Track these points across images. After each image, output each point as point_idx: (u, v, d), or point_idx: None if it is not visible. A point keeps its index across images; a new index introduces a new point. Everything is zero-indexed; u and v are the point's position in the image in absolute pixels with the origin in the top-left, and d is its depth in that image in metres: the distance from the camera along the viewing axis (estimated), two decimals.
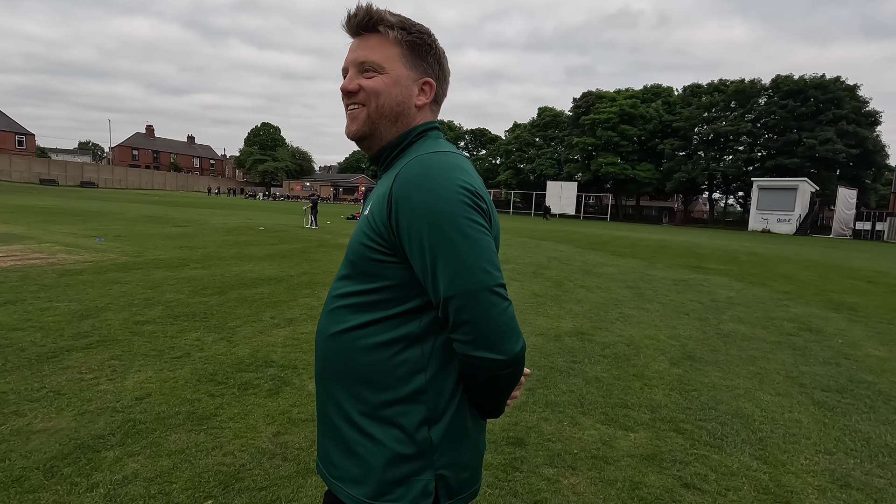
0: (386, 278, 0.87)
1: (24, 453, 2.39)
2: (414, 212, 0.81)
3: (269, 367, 3.68)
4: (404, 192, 0.82)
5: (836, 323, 6.14)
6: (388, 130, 0.95)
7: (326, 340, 0.93)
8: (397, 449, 0.85)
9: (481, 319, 0.80)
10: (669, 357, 4.39)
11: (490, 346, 0.81)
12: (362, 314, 0.89)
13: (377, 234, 0.87)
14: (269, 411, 2.98)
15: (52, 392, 3.08)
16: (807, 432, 3.03)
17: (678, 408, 3.31)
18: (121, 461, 2.37)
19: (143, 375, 3.41)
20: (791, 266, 12.72)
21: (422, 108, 0.96)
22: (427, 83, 0.96)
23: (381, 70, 0.92)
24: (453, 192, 0.81)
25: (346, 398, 0.90)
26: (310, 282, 7.12)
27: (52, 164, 57.65)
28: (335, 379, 0.91)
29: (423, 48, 0.94)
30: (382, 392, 0.87)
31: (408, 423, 0.86)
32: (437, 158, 0.86)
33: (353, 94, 0.94)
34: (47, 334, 4.17)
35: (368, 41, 0.93)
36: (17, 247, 9.03)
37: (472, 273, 0.80)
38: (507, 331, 0.82)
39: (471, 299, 0.80)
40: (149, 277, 6.80)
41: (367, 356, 0.88)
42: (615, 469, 2.52)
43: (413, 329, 0.87)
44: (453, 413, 0.88)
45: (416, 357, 0.87)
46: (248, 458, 2.46)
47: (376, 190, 0.94)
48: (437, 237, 0.80)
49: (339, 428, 0.90)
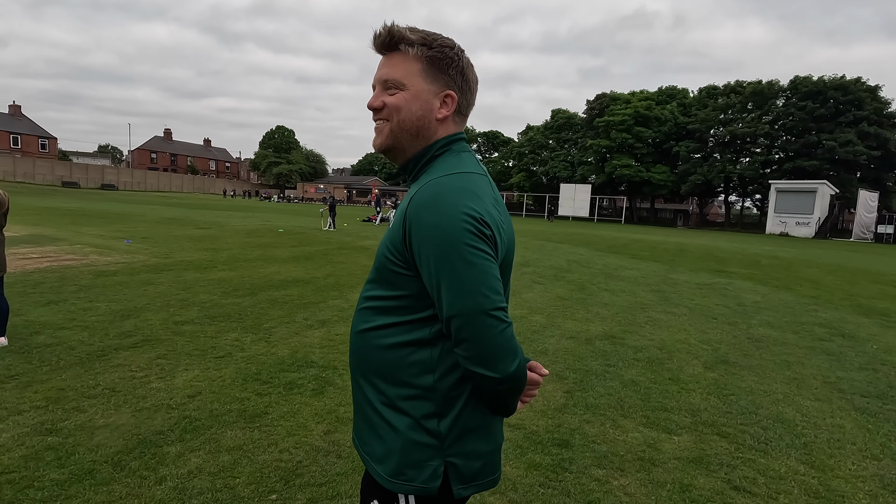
0: (404, 288, 0.95)
1: (90, 447, 2.49)
2: (423, 234, 0.88)
3: (311, 368, 3.76)
4: (417, 214, 0.89)
5: (868, 328, 6.07)
6: (411, 143, 1.01)
7: (355, 336, 1.04)
8: (410, 436, 0.94)
9: (479, 339, 0.87)
10: (703, 361, 4.39)
11: (486, 364, 0.88)
12: (383, 316, 0.98)
13: (396, 248, 0.94)
14: (316, 410, 3.06)
15: (108, 389, 3.19)
16: (851, 437, 3.03)
17: (718, 412, 3.32)
18: (183, 456, 2.46)
19: (191, 374, 3.52)
20: (815, 270, 12.54)
21: (443, 120, 1.01)
22: (448, 95, 0.99)
23: (402, 86, 0.98)
24: (458, 220, 0.86)
25: (370, 388, 1.00)
26: (336, 284, 7.22)
27: (74, 167, 58.95)
28: (361, 371, 1.02)
29: (445, 62, 0.98)
30: (397, 386, 0.96)
31: (419, 415, 0.94)
32: (450, 183, 0.90)
33: (377, 110, 1.00)
34: (93, 333, 4.30)
35: (392, 59, 0.99)
36: (51, 248, 9.28)
37: (472, 297, 0.86)
38: (503, 351, 0.88)
39: (469, 320, 0.86)
40: (180, 279, 6.96)
41: (384, 354, 0.97)
42: (663, 471, 2.54)
43: (424, 335, 0.95)
44: (460, 409, 0.95)
45: (426, 359, 0.95)
46: (304, 455, 2.53)
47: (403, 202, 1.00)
48: (441, 260, 0.86)
49: (366, 412, 1.01)
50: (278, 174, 76.29)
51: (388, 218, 24.10)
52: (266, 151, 79.13)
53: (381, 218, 24.15)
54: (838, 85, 40.32)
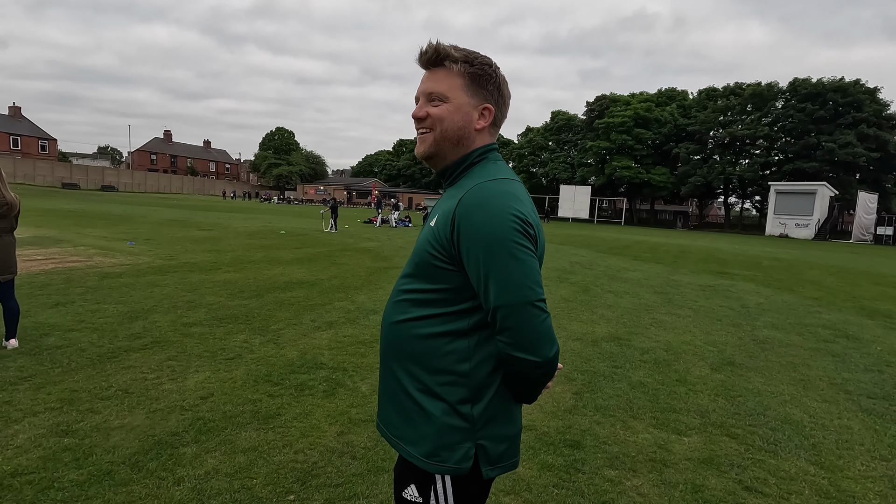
0: (444, 282, 1.03)
1: (107, 448, 2.51)
2: (472, 233, 0.96)
3: (320, 370, 3.78)
4: (466, 214, 0.97)
5: (871, 330, 6.09)
6: (452, 151, 1.10)
7: (390, 327, 1.11)
8: (445, 420, 1.02)
9: (522, 327, 0.96)
10: (709, 363, 4.42)
11: (528, 349, 0.97)
12: (421, 308, 1.05)
13: (441, 245, 1.01)
14: (328, 412, 3.08)
15: (121, 391, 3.21)
16: (859, 438, 3.05)
17: (727, 413, 3.34)
18: (199, 457, 2.48)
19: (202, 376, 3.54)
20: (816, 272, 12.58)
21: (481, 130, 1.10)
22: (486, 108, 1.09)
23: (446, 99, 1.07)
24: (506, 220, 0.96)
25: (405, 375, 1.06)
26: (341, 285, 7.24)
27: (74, 169, 58.94)
28: (396, 359, 1.09)
29: (484, 78, 1.08)
30: (434, 374, 1.03)
31: (454, 400, 1.02)
32: (495, 187, 1.00)
33: (421, 120, 1.09)
34: (103, 335, 4.32)
35: (436, 74, 1.08)
36: (55, 250, 9.30)
37: (518, 289, 0.95)
38: (544, 338, 0.97)
39: (515, 310, 0.95)
40: (186, 280, 6.98)
41: (422, 343, 1.04)
42: (675, 472, 2.57)
43: (462, 326, 1.03)
44: (492, 395, 1.04)
45: (463, 348, 1.03)
46: (319, 457, 2.55)
47: (442, 203, 1.09)
48: (490, 256, 0.95)
49: (399, 398, 1.08)
50: (278, 175, 76.32)
51: (389, 220, 24.11)
52: (266, 153, 79.17)
53: (381, 219, 24.16)
54: (837, 87, 40.44)
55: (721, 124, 46.12)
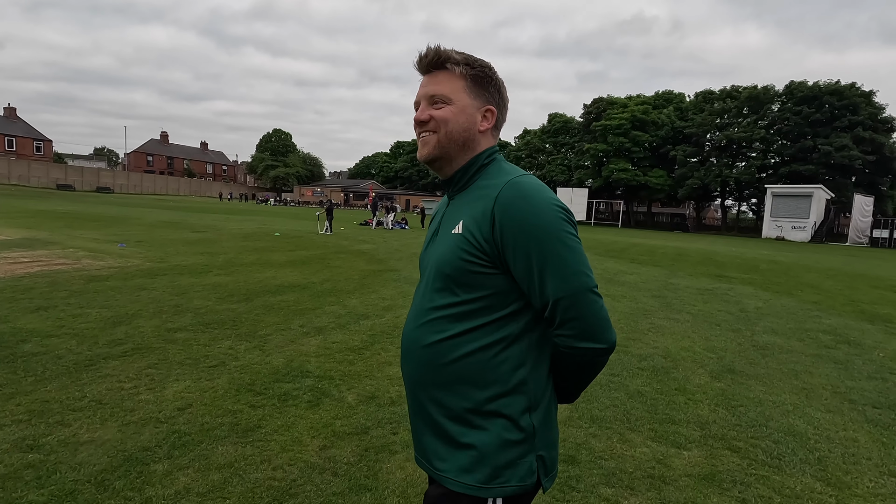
0: (485, 287, 0.98)
1: (73, 465, 2.37)
2: (520, 227, 0.94)
3: (306, 378, 3.64)
4: (508, 211, 0.95)
5: (873, 335, 5.98)
6: (458, 154, 1.07)
7: (424, 350, 1.02)
8: (505, 436, 0.96)
9: (586, 315, 0.94)
10: (709, 370, 4.29)
11: (593, 337, 0.96)
12: (463, 322, 0.98)
13: (478, 249, 0.97)
14: (312, 424, 2.93)
15: (94, 401, 3.06)
16: (866, 452, 2.93)
17: (727, 424, 3.21)
18: (171, 475, 2.34)
19: (182, 385, 3.39)
20: (814, 275, 12.50)
21: (485, 132, 1.08)
22: (489, 110, 1.08)
23: (449, 101, 1.05)
24: (552, 211, 0.95)
25: (451, 399, 0.99)
26: (333, 289, 7.10)
27: (69, 170, 58.59)
28: (437, 384, 1.00)
29: (485, 80, 1.07)
30: (488, 388, 0.97)
31: (513, 412, 0.97)
32: (529, 182, 0.98)
33: (424, 123, 1.06)
34: (82, 341, 4.17)
35: (437, 77, 1.06)
36: (43, 252, 9.13)
37: (577, 277, 0.94)
38: (606, 323, 0.97)
39: (577, 299, 0.94)
40: (175, 284, 6.82)
41: (470, 359, 0.97)
42: (674, 490, 2.44)
43: (513, 330, 0.98)
44: (548, 399, 1.01)
45: (517, 353, 0.98)
46: (298, 473, 2.41)
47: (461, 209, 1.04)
48: (543, 249, 0.93)
49: (444, 425, 0.99)
50: (275, 177, 76.07)
51: (384, 222, 23.97)
52: (263, 154, 78.92)
53: (377, 222, 24.02)
54: (833, 90, 40.55)
55: (718, 127, 46.17)
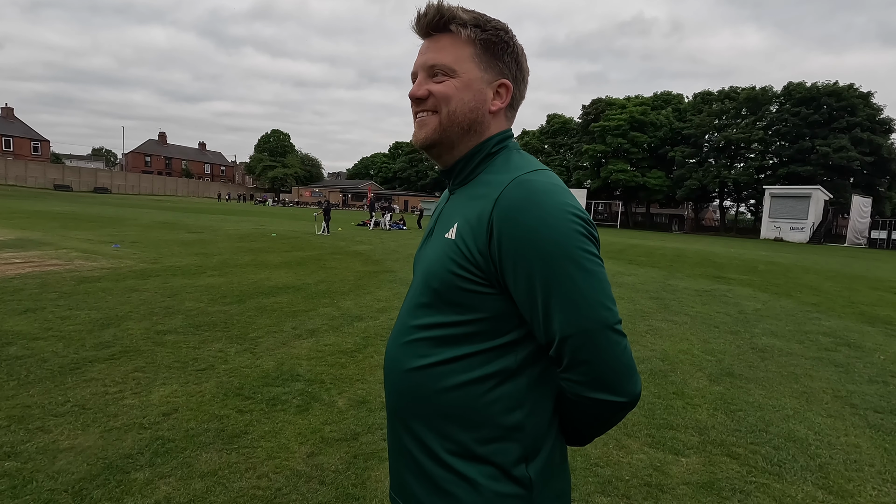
0: (478, 310, 0.79)
1: (51, 474, 2.29)
2: (522, 242, 0.74)
3: (296, 382, 3.56)
4: (509, 219, 0.75)
5: (873, 337, 5.92)
6: (461, 139, 0.86)
7: (404, 375, 0.85)
8: (494, 488, 0.78)
9: (601, 359, 0.74)
10: (707, 373, 4.22)
11: (609, 388, 0.76)
12: (449, 348, 0.80)
13: (470, 262, 0.78)
14: (300, 429, 2.85)
15: (77, 406, 2.98)
16: (869, 458, 2.86)
17: (727, 430, 3.14)
18: (152, 483, 2.26)
19: (169, 389, 3.31)
20: (813, 276, 12.45)
21: (496, 113, 0.87)
22: (503, 85, 0.87)
23: (453, 73, 0.84)
24: (566, 221, 0.74)
25: (431, 436, 0.82)
26: (328, 291, 7.02)
27: (67, 171, 58.42)
28: (417, 416, 0.83)
29: (499, 46, 0.85)
30: (474, 430, 0.79)
31: (505, 462, 0.79)
32: (541, 180, 0.77)
33: (421, 100, 0.86)
34: (69, 344, 4.09)
35: (439, 42, 0.85)
36: (35, 253, 9.03)
37: (593, 310, 0.73)
38: (628, 370, 0.76)
39: (591, 338, 0.73)
40: (167, 285, 6.74)
41: (455, 393, 0.80)
42: (672, 498, 2.36)
43: (509, 363, 0.79)
44: (550, 447, 0.82)
45: (512, 392, 0.79)
46: (284, 482, 2.33)
47: (458, 207, 0.85)
48: (550, 271, 0.73)
49: (424, 465, 0.82)
50: (273, 178, 75.93)
51: (382, 222, 23.91)
52: (261, 155, 78.81)
53: (374, 222, 23.95)
54: (831, 91, 40.61)
55: (716, 128, 46.22)
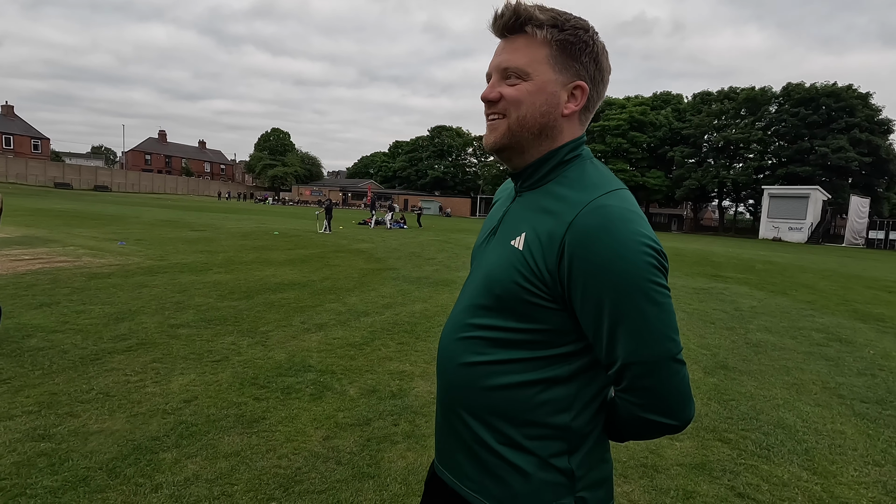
0: (539, 321, 0.82)
1: (84, 454, 2.44)
2: (595, 270, 0.75)
3: (308, 372, 3.71)
4: (583, 246, 0.76)
5: (865, 334, 6.09)
6: (532, 143, 0.86)
7: (458, 369, 0.89)
8: (539, 475, 0.84)
9: (662, 388, 0.79)
10: (703, 366, 4.39)
11: (667, 413, 0.80)
12: (505, 350, 0.84)
13: (537, 277, 0.80)
14: (315, 415, 3.01)
15: (102, 394, 3.13)
16: (852, 444, 3.02)
17: (719, 417, 3.31)
18: (179, 462, 2.41)
19: (187, 378, 3.46)
20: (809, 275, 12.62)
21: (570, 116, 0.86)
22: (578, 87, 0.84)
23: (526, 76, 0.83)
24: (640, 254, 0.75)
25: (481, 427, 0.87)
26: (333, 287, 7.17)
27: (67, 168, 58.53)
28: (467, 407, 0.88)
29: (578, 46, 0.83)
30: (521, 427, 0.84)
31: (546, 454, 0.84)
32: (617, 207, 0.77)
33: (493, 103, 0.86)
34: (87, 337, 4.24)
35: (514, 43, 0.84)
36: (43, 250, 9.17)
37: (659, 343, 0.76)
38: (685, 398, 0.80)
39: (654, 368, 0.77)
40: (175, 281, 6.89)
41: (506, 392, 0.84)
42: (666, 478, 2.52)
43: (562, 372, 0.83)
44: (593, 443, 0.87)
45: (561, 397, 0.83)
46: (303, 462, 2.49)
47: (527, 215, 0.86)
48: (621, 301, 0.75)
49: (476, 451, 0.88)
50: (273, 177, 76.04)
51: (384, 221, 24.06)
52: (261, 154, 78.87)
53: (375, 221, 24.09)
54: (830, 92, 40.80)
55: (715, 128, 46.40)
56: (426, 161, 71.94)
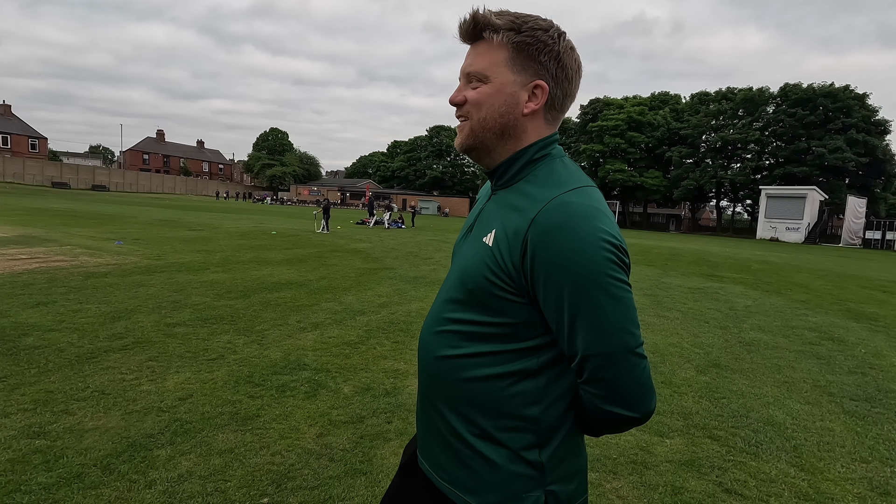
0: (507, 315, 0.84)
1: (79, 450, 2.46)
2: (555, 264, 0.77)
3: (303, 371, 3.74)
4: (544, 241, 0.78)
5: (857, 333, 6.14)
6: (496, 143, 0.90)
7: (435, 361, 0.92)
8: (509, 468, 0.86)
9: (620, 380, 0.80)
10: (695, 365, 4.42)
11: (627, 404, 0.82)
12: (477, 343, 0.87)
13: (504, 272, 0.83)
14: (309, 413, 3.04)
15: (97, 392, 3.15)
16: (840, 441, 3.06)
17: (710, 415, 3.34)
18: (174, 459, 2.44)
19: (183, 376, 3.48)
20: (805, 275, 12.68)
21: (532, 115, 0.87)
22: (538, 86, 0.86)
23: (486, 79, 0.86)
24: (599, 249, 0.77)
25: (455, 418, 0.90)
26: (329, 286, 7.20)
27: (65, 168, 58.39)
28: (443, 399, 0.92)
29: (535, 47, 0.85)
30: (493, 418, 0.87)
31: (517, 446, 0.86)
32: (580, 202, 0.80)
33: (459, 106, 0.90)
34: (83, 335, 4.25)
35: (477, 49, 0.88)
36: (40, 249, 9.18)
37: (616, 335, 0.78)
38: (645, 391, 0.82)
39: (612, 360, 0.79)
40: (172, 280, 6.90)
41: (479, 384, 0.87)
42: (655, 474, 2.55)
43: (531, 365, 0.85)
44: (563, 436, 0.88)
45: (531, 390, 0.86)
46: (296, 459, 2.51)
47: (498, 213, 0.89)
48: (579, 295, 0.77)
49: (449, 441, 0.91)
50: (272, 176, 75.98)
51: (382, 220, 24.07)
52: (259, 153, 78.81)
53: (375, 221, 24.11)
54: (827, 92, 40.94)
55: (713, 128, 46.53)
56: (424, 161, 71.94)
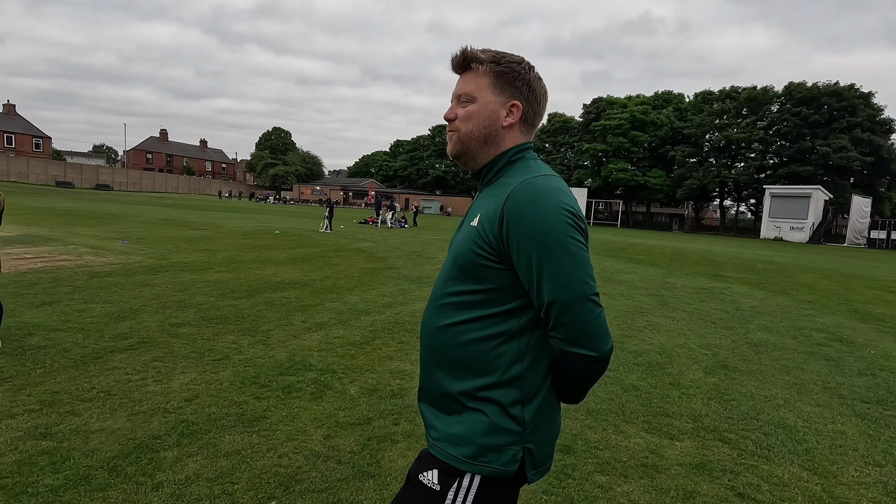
0: (491, 281, 1.01)
1: (86, 452, 2.45)
2: (524, 230, 0.96)
3: (309, 371, 3.72)
4: (516, 212, 0.96)
5: (865, 333, 6.08)
6: (480, 150, 1.10)
7: (433, 332, 1.08)
8: (496, 421, 1.00)
9: (578, 322, 0.95)
10: (703, 366, 4.38)
11: (584, 345, 0.96)
12: (467, 311, 1.03)
13: (487, 244, 1.00)
14: (315, 415, 3.02)
15: (103, 392, 3.14)
16: (853, 444, 3.02)
17: (720, 417, 3.30)
18: (181, 461, 2.42)
19: (188, 377, 3.47)
20: (810, 275, 12.61)
21: (510, 128, 1.09)
22: (514, 105, 1.09)
23: (473, 99, 1.09)
24: (558, 214, 0.95)
25: (450, 381, 1.04)
26: (334, 286, 7.18)
27: (68, 167, 58.53)
28: (440, 365, 1.06)
29: (511, 75, 1.08)
30: (483, 377, 1.01)
31: (505, 401, 1.00)
32: (544, 183, 0.99)
33: (450, 121, 1.12)
34: (88, 335, 4.25)
35: (465, 77, 1.11)
36: (44, 248, 9.19)
37: (573, 284, 0.94)
38: (600, 332, 0.97)
39: (570, 305, 0.94)
40: (176, 280, 6.89)
41: (470, 347, 1.02)
42: (666, 478, 2.52)
43: (512, 326, 1.01)
44: (543, 397, 1.03)
45: (514, 350, 1.01)
46: (304, 461, 2.49)
47: (482, 202, 1.08)
48: (543, 253, 0.94)
49: (441, 402, 1.06)
50: (274, 176, 76.04)
51: (387, 220, 24.06)
52: (262, 153, 78.87)
53: (381, 220, 24.10)
54: (832, 91, 40.69)
55: (717, 128, 46.31)
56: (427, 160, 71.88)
